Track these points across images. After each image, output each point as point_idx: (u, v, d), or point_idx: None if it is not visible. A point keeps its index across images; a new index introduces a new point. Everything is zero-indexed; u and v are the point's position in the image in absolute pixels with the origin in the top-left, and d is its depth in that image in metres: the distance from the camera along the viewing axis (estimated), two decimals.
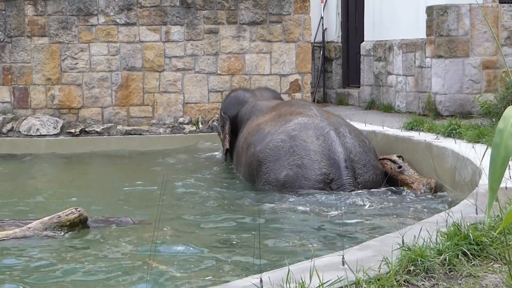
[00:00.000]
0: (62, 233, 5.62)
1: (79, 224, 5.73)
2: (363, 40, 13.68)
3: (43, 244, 5.42)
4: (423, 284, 3.19)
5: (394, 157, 7.79)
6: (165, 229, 5.77)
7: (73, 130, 11.25)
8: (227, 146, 8.98)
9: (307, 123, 7.50)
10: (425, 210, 6.30)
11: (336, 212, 6.06)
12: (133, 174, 9.32)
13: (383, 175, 7.39)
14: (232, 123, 9.02)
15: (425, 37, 11.10)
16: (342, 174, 6.99)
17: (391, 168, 7.63)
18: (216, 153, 10.16)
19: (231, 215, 6.39)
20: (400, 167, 7.61)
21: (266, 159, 7.38)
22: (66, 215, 5.69)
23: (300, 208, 6.47)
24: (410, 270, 3.27)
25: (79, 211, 5.74)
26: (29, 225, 5.67)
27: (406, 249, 3.42)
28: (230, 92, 10.18)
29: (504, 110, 2.43)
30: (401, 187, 7.36)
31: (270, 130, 7.67)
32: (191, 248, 5.24)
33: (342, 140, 7.29)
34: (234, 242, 5.39)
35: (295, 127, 7.46)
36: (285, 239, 5.41)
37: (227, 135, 9.01)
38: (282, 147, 7.32)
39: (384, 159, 7.78)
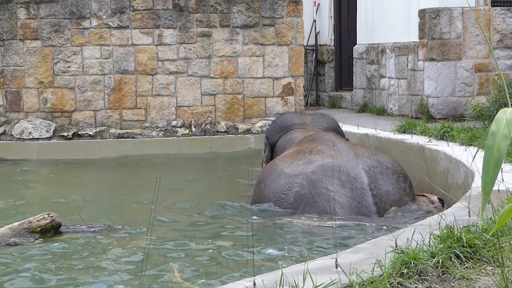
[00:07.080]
0: (32, 239, 5.32)
1: (51, 230, 5.47)
2: (356, 43, 13.70)
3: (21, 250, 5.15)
4: (416, 287, 3.19)
5: (434, 198, 6.60)
6: (157, 233, 5.76)
7: (65, 134, 11.22)
8: None
9: (330, 165, 6.00)
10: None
11: (329, 216, 6.04)
12: (125, 178, 9.30)
13: None
14: (272, 151, 7.70)
15: (418, 40, 11.13)
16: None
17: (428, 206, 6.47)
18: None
19: (224, 220, 6.38)
20: (435, 208, 6.35)
21: (279, 205, 6.20)
22: (37, 220, 5.43)
23: (294, 211, 6.45)
24: (403, 273, 3.27)
25: (52, 216, 5.48)
26: None
27: (399, 251, 3.42)
28: (281, 114, 8.99)
29: (496, 113, 2.44)
30: None
31: (284, 169, 6.40)
32: (184, 252, 5.23)
33: (375, 184, 6.02)
34: (227, 245, 5.38)
35: (316, 170, 6.16)
36: (279, 242, 5.41)
37: (263, 163, 7.67)
38: (300, 194, 6.11)
39: (422, 195, 6.66)
